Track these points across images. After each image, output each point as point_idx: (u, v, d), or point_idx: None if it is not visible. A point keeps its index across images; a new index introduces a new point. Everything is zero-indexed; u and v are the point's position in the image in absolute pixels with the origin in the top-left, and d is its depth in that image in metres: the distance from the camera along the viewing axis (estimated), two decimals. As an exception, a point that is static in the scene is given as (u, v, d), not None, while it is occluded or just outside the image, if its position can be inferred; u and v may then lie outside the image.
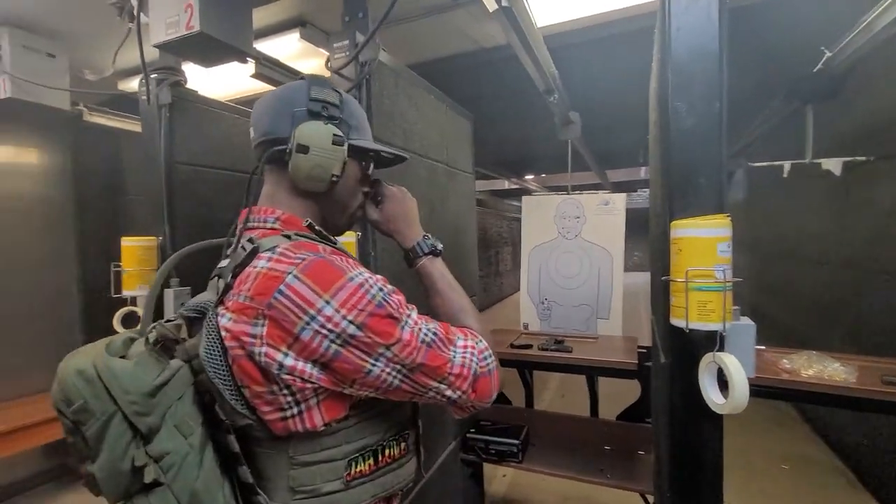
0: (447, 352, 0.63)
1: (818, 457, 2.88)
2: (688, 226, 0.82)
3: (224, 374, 0.58)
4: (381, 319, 0.58)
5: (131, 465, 0.53)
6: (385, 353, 0.58)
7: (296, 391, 0.58)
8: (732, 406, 0.77)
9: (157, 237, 1.64)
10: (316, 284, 0.57)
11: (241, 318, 0.57)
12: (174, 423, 0.56)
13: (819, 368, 1.45)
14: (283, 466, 0.60)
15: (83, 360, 0.56)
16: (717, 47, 0.88)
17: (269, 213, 0.70)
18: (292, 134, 0.67)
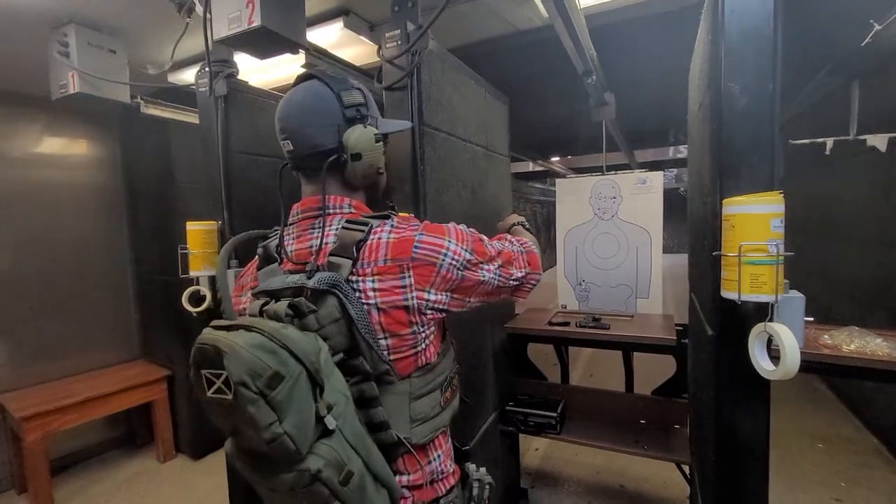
0: (507, 246, 0.89)
1: (854, 435, 2.88)
2: (742, 203, 0.86)
3: (370, 329, 0.71)
4: (478, 243, 0.82)
5: (316, 416, 0.62)
6: (485, 265, 0.81)
7: (428, 325, 0.77)
8: (784, 371, 0.82)
9: (217, 221, 1.75)
10: (438, 235, 0.77)
11: (386, 277, 0.72)
12: (334, 380, 0.66)
13: (861, 343, 1.47)
14: (405, 402, 0.76)
15: (246, 337, 0.60)
16: (771, 29, 0.90)
17: (343, 201, 0.82)
18: (341, 144, 0.78)
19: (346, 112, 0.78)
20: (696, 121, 1.41)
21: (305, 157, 0.81)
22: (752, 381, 0.96)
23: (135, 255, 3.07)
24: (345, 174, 0.81)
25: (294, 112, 0.80)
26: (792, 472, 2.48)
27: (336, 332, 0.70)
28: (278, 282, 0.74)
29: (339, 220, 0.79)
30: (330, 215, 0.80)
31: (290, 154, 0.82)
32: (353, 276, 0.72)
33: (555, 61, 2.22)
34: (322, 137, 0.78)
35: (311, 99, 0.79)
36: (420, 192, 1.35)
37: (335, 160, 0.78)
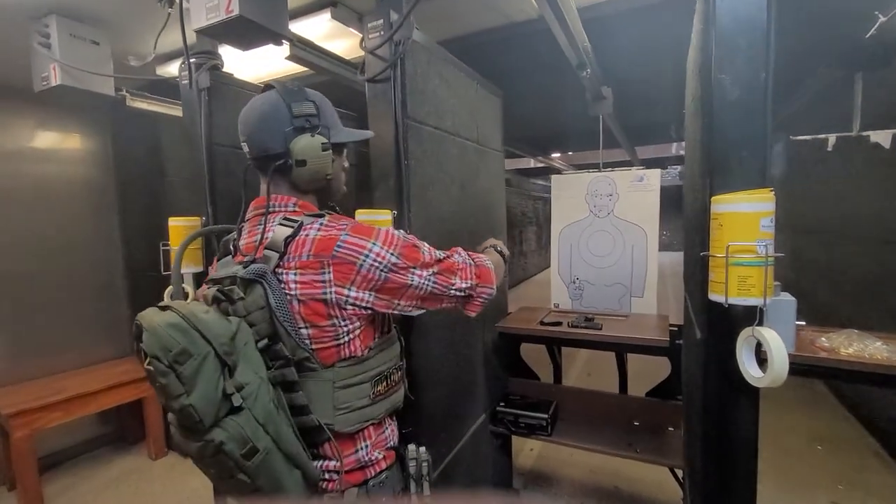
0: (454, 257, 0.91)
1: (852, 437, 2.83)
2: (730, 200, 0.82)
3: (289, 318, 0.76)
4: (410, 248, 0.83)
5: (222, 393, 0.69)
6: (416, 270, 0.83)
7: (350, 319, 0.80)
8: (771, 379, 0.78)
9: (200, 216, 1.72)
10: (363, 236, 0.80)
11: (307, 272, 0.77)
12: (246, 362, 0.72)
13: (860, 347, 1.42)
14: (328, 390, 0.80)
15: (166, 316, 0.68)
16: (764, 17, 0.85)
17: (288, 200, 0.87)
18: (288, 150, 0.84)
19: (294, 122, 0.84)
20: (691, 115, 1.36)
21: (257, 158, 0.88)
22: (741, 387, 0.91)
23: (126, 251, 3.05)
24: (291, 178, 0.87)
25: (250, 118, 0.88)
26: (788, 475, 2.44)
27: (261, 318, 0.76)
28: (223, 271, 0.82)
29: (280, 217, 0.85)
30: (273, 213, 0.85)
31: (248, 155, 0.90)
32: (279, 268, 0.78)
33: (551, 54, 2.17)
34: (272, 142, 0.85)
35: (265, 107, 0.86)
36: (404, 188, 1.31)
37: (281, 164, 0.85)
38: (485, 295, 0.95)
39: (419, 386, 1.40)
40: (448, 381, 1.60)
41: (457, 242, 1.62)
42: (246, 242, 0.87)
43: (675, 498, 2.24)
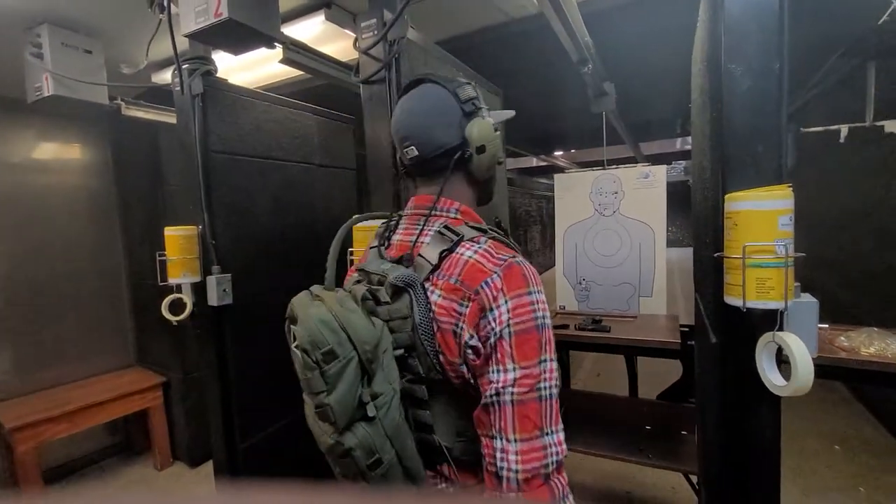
0: (546, 426, 0.64)
1: (873, 437, 2.75)
2: (745, 198, 0.77)
3: (431, 338, 0.70)
4: (528, 340, 0.65)
5: (358, 400, 0.66)
6: (509, 369, 0.64)
7: (469, 363, 0.69)
8: (795, 388, 0.72)
9: (196, 226, 1.68)
10: (507, 285, 0.67)
11: (451, 297, 0.69)
12: (382, 370, 0.68)
13: (881, 346, 1.36)
14: (453, 416, 0.73)
15: (319, 310, 0.68)
16: (777, 1, 0.80)
17: (452, 205, 0.80)
18: (465, 139, 0.77)
19: (464, 107, 0.77)
20: (698, 108, 1.31)
21: (431, 158, 0.78)
22: (762, 395, 0.86)
23: (129, 261, 3.03)
24: (470, 168, 0.79)
25: (415, 118, 0.79)
26: (808, 478, 2.37)
27: (402, 327, 0.71)
28: (374, 265, 0.79)
29: (441, 222, 0.78)
30: (434, 216, 0.79)
31: (413, 160, 0.80)
32: (427, 281, 0.72)
33: (551, 51, 2.12)
34: (447, 136, 0.77)
35: (430, 101, 0.79)
36: (402, 193, 1.27)
37: (460, 156, 0.77)
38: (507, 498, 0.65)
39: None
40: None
41: None
42: (401, 240, 0.82)
43: (689, 502, 2.18)
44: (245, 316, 1.84)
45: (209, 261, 1.68)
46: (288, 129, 2.05)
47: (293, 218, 2.09)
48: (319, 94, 2.55)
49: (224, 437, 1.74)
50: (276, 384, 2.00)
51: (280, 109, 2.01)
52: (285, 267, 2.05)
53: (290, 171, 2.07)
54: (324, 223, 2.28)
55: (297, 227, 2.12)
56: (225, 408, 1.74)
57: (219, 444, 1.76)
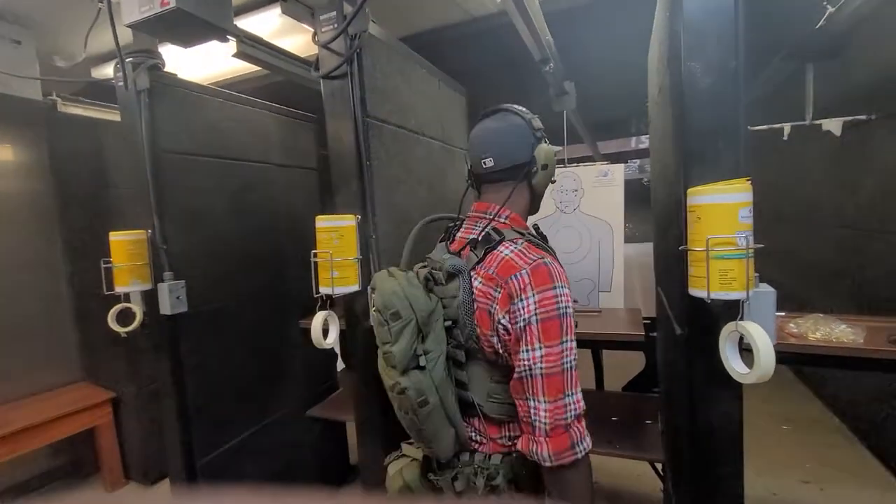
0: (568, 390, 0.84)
1: (817, 416, 2.94)
2: (707, 192, 0.79)
3: (470, 315, 0.91)
4: (552, 326, 0.84)
5: (414, 352, 0.89)
6: (536, 348, 0.83)
7: (501, 338, 0.89)
8: (758, 375, 0.75)
9: (146, 230, 1.58)
10: (534, 281, 0.85)
11: (488, 284, 0.90)
12: (434, 335, 0.91)
13: (826, 331, 1.45)
14: (486, 380, 0.95)
15: (392, 284, 0.92)
16: (732, 2, 0.83)
17: (504, 212, 0.99)
18: (533, 157, 0.98)
19: (535, 133, 0.99)
20: (657, 106, 1.34)
21: (504, 169, 0.99)
22: (726, 382, 0.89)
23: (71, 269, 2.81)
24: (533, 181, 1.00)
25: (496, 136, 1.00)
26: (761, 457, 2.50)
27: (451, 304, 0.92)
28: (438, 255, 1.00)
29: (491, 226, 0.97)
30: (488, 220, 0.98)
31: (488, 169, 0.99)
32: (473, 270, 0.93)
33: (513, 50, 2.13)
34: (520, 153, 0.98)
35: (509, 124, 1.00)
36: (367, 191, 1.23)
37: (528, 169, 0.99)
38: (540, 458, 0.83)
39: (393, 399, 1.33)
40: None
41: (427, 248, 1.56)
42: (461, 236, 1.03)
43: (654, 489, 2.25)
44: (202, 324, 1.75)
45: (160, 267, 1.58)
46: (245, 128, 1.97)
47: (253, 220, 2.01)
48: (279, 92, 2.46)
49: (181, 454, 1.65)
50: (238, 396, 1.92)
51: (236, 107, 1.92)
52: (246, 271, 1.97)
53: (247, 171, 1.99)
54: (286, 224, 2.21)
55: (258, 230, 2.04)
56: (182, 423, 1.65)
57: (175, 461, 1.66)
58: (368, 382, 1.32)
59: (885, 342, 1.33)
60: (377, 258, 1.25)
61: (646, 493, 2.28)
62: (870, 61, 2.28)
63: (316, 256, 1.19)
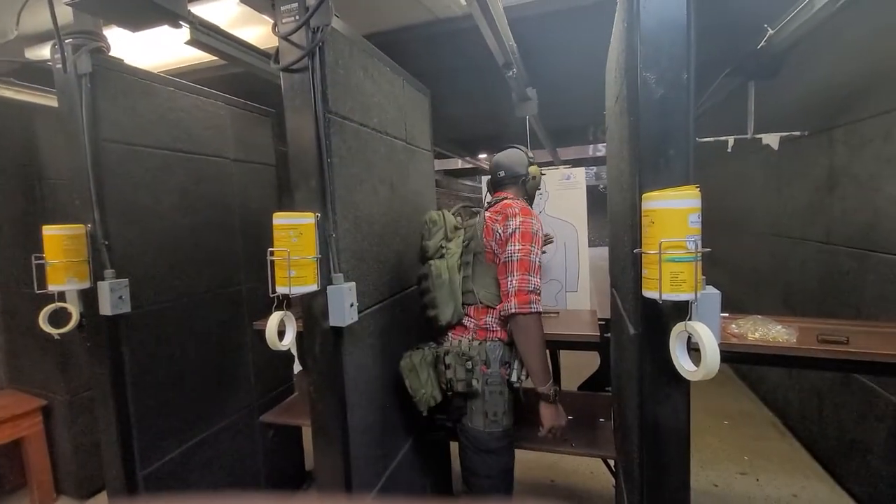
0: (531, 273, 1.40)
1: (753, 411, 3.15)
2: (660, 197, 0.82)
3: (481, 229, 1.51)
4: (526, 235, 1.42)
5: (440, 245, 1.55)
6: (516, 244, 1.41)
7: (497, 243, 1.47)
8: (704, 373, 0.79)
9: (85, 224, 1.47)
10: (521, 213, 1.46)
11: (494, 214, 1.51)
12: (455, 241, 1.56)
13: (764, 331, 1.54)
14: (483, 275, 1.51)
15: (437, 212, 1.62)
16: (684, 17, 0.87)
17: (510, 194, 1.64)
18: (528, 172, 1.67)
19: (529, 159, 1.69)
20: (614, 114, 1.39)
21: (510, 177, 1.66)
22: (675, 380, 0.93)
23: (-5, 266, 2.58)
24: (527, 186, 1.68)
25: (508, 159, 1.68)
26: (703, 451, 2.64)
27: (471, 227, 1.55)
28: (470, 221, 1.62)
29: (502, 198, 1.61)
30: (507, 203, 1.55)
31: (501, 177, 1.67)
32: (486, 211, 1.57)
33: (477, 53, 2.15)
34: (520, 168, 1.66)
35: (518, 155, 1.69)
36: (327, 189, 1.20)
37: (524, 179, 1.66)
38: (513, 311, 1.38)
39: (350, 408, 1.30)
40: (380, 394, 1.51)
41: (388, 246, 1.55)
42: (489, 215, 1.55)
43: (607, 486, 2.33)
44: (146, 325, 1.65)
45: (101, 264, 1.48)
46: (197, 119, 1.87)
47: (205, 216, 1.92)
48: (236, 84, 2.36)
49: (121, 464, 1.54)
50: (185, 401, 1.82)
51: (188, 97, 1.83)
52: (196, 269, 1.87)
53: (199, 164, 1.89)
54: (240, 221, 2.12)
55: (210, 226, 1.94)
56: (121, 431, 1.54)
57: (113, 473, 1.55)
58: (326, 385, 1.29)
59: (815, 341, 1.44)
60: (336, 257, 1.23)
61: (598, 491, 2.35)
62: (803, 81, 2.47)
63: (272, 255, 1.14)
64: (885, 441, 1.88)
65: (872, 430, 1.97)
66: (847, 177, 2.15)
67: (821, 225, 2.40)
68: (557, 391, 1.47)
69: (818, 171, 2.39)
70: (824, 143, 2.31)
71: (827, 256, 2.34)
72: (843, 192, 2.19)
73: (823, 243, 2.38)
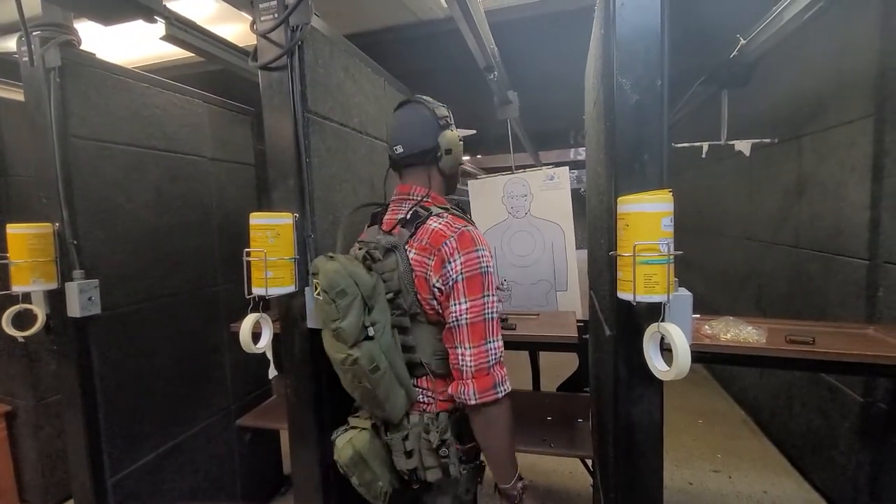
0: (489, 337, 0.99)
1: (727, 410, 3.23)
2: (634, 201, 0.84)
3: (410, 283, 1.03)
4: (474, 283, 0.99)
5: (363, 324, 0.97)
6: (462, 302, 0.98)
7: (438, 299, 1.02)
8: (676, 373, 0.81)
9: (52, 223, 1.42)
10: (460, 245, 1.00)
11: (423, 254, 1.02)
12: (379, 306, 1.00)
13: (735, 332, 1.59)
14: (431, 339, 1.07)
15: (334, 265, 0.98)
16: (658, 24, 0.89)
17: (422, 191, 1.11)
18: (438, 143, 1.10)
19: (439, 122, 1.11)
20: (592, 119, 1.42)
21: (412, 154, 1.11)
22: (648, 380, 0.95)
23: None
24: (440, 165, 1.12)
25: (404, 125, 1.13)
26: (678, 450, 2.70)
27: (391, 277, 1.03)
28: (370, 237, 1.12)
29: (416, 205, 1.08)
30: (411, 200, 1.10)
31: (399, 155, 1.12)
32: (407, 244, 1.04)
33: (458, 56, 2.16)
34: (424, 140, 1.10)
35: (416, 115, 1.12)
36: (305, 189, 1.19)
37: (433, 155, 1.11)
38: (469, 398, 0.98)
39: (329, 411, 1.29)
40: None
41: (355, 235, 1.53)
42: (388, 218, 1.13)
43: (585, 486, 2.36)
44: (118, 327, 1.60)
45: (69, 264, 1.43)
46: (173, 117, 1.83)
47: (180, 215, 1.87)
48: (213, 82, 2.32)
49: (89, 471, 1.49)
50: (158, 405, 1.77)
51: (163, 93, 1.78)
52: (171, 269, 1.83)
53: (175, 163, 1.85)
54: (217, 221, 2.08)
55: (185, 225, 1.90)
56: (90, 436, 1.49)
57: (81, 480, 1.50)
58: (304, 388, 1.27)
59: (784, 342, 1.49)
60: (315, 258, 1.21)
61: (577, 490, 2.38)
62: (774, 90, 2.56)
63: (249, 255, 1.13)
64: (849, 437, 1.96)
65: (837, 427, 2.05)
66: (814, 183, 2.23)
67: (790, 229, 2.48)
68: (525, 487, 1.11)
69: (788, 178, 2.48)
70: (793, 150, 2.40)
71: (795, 260, 2.43)
72: (811, 198, 2.27)
73: (792, 247, 2.46)
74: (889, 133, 1.73)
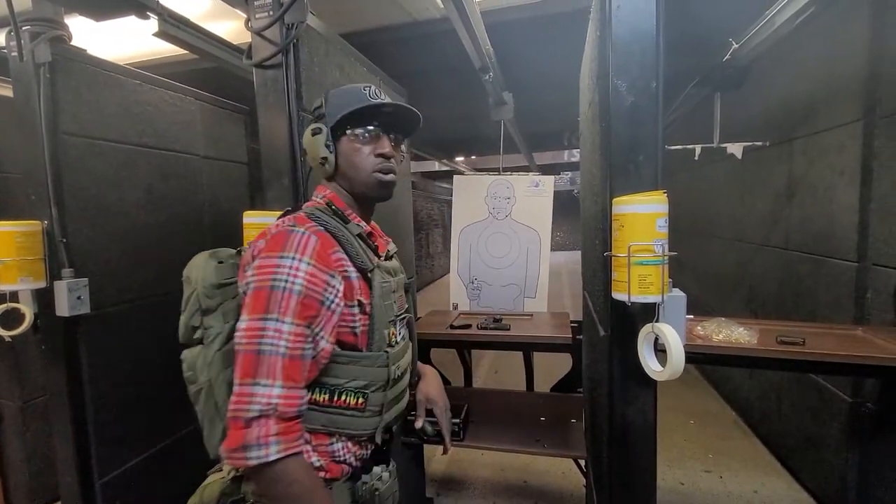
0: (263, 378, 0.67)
1: (718, 410, 3.25)
2: (629, 202, 0.84)
3: None
4: (260, 297, 0.71)
5: (192, 325, 0.83)
6: (244, 320, 0.71)
7: None
8: (670, 373, 0.81)
9: (41, 221, 1.40)
10: (266, 247, 0.75)
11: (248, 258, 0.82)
12: (223, 312, 0.82)
13: (727, 333, 1.60)
14: None
15: (203, 255, 0.86)
16: (653, 27, 0.90)
17: (321, 191, 0.90)
18: (304, 149, 0.91)
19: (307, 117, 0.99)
20: (587, 120, 1.42)
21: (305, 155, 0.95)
22: (643, 380, 0.95)
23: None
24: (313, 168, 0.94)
25: None
26: (670, 450, 2.71)
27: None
28: None
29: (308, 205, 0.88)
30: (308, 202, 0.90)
31: None
32: None
33: (454, 56, 2.16)
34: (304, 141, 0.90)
35: None
36: (300, 187, 1.18)
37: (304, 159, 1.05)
38: None
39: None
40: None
41: None
42: None
43: (578, 486, 2.36)
44: (107, 327, 1.58)
45: (59, 263, 1.41)
46: (165, 114, 1.81)
47: (173, 214, 1.85)
48: (203, 78, 2.30)
49: (77, 473, 1.47)
50: (148, 406, 1.75)
51: (155, 90, 1.76)
52: (162, 267, 1.81)
53: (168, 161, 1.83)
54: (211, 220, 2.06)
55: (177, 224, 1.88)
56: (78, 438, 1.47)
57: (69, 482, 1.48)
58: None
59: (774, 343, 1.50)
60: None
61: (570, 491, 2.38)
62: (766, 94, 2.58)
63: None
64: (838, 437, 1.98)
65: (826, 427, 2.07)
66: (805, 186, 2.26)
67: (781, 231, 2.51)
68: None
69: (779, 180, 2.51)
70: (784, 153, 2.42)
71: (786, 262, 2.45)
72: (801, 201, 2.30)
73: (783, 249, 2.49)
74: (878, 137, 1.76)
